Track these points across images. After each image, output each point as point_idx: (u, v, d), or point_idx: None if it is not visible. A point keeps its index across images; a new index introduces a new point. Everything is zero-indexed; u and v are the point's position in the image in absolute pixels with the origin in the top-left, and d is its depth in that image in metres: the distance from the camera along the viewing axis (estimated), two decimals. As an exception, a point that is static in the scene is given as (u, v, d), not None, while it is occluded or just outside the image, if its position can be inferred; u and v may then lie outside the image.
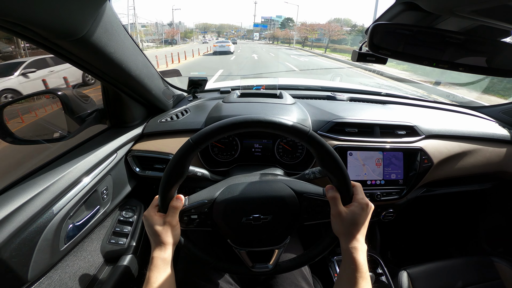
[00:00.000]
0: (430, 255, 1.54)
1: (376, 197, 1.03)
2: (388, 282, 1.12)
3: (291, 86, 1.55)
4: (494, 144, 1.20)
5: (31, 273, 0.62)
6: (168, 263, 0.59)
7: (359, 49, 0.74)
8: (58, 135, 0.91)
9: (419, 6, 0.51)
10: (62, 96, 0.87)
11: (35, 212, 0.62)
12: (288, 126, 0.57)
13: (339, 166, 0.58)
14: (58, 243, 0.69)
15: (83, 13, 0.54)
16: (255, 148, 1.07)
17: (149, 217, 0.61)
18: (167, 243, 0.60)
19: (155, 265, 0.57)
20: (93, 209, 0.82)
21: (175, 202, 0.62)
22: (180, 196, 0.64)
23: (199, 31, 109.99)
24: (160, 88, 1.05)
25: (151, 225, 0.60)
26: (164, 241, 0.59)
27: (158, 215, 0.62)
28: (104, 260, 0.90)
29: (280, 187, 0.67)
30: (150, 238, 0.62)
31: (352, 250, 0.57)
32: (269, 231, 0.66)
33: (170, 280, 0.59)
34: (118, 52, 0.70)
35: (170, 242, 0.60)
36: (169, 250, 0.60)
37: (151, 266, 0.57)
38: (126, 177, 1.00)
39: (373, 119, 1.09)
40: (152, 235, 0.60)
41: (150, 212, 0.62)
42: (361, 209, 0.59)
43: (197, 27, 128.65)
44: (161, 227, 0.60)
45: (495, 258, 1.17)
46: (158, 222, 0.60)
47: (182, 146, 0.58)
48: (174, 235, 0.61)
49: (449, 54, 0.58)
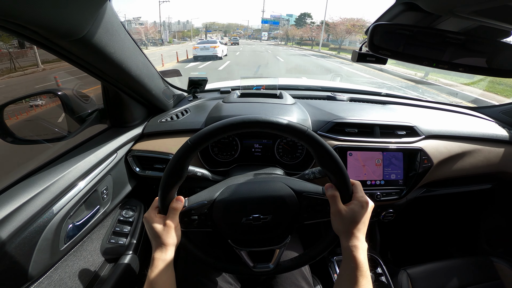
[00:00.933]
0: (430, 255, 1.55)
1: (376, 197, 1.03)
2: (387, 282, 1.12)
3: (291, 86, 1.55)
4: (494, 144, 1.20)
5: (31, 272, 0.62)
6: (169, 264, 0.59)
7: (359, 50, 0.75)
8: (58, 135, 0.91)
9: (419, 7, 0.51)
10: (62, 96, 0.87)
11: (35, 211, 0.62)
12: (285, 125, 0.57)
13: (338, 164, 0.58)
14: (58, 242, 0.69)
15: (84, 13, 0.54)
16: (255, 148, 1.07)
17: (149, 219, 0.62)
18: (168, 244, 0.60)
19: (156, 266, 0.57)
20: (93, 209, 0.82)
21: (175, 204, 0.62)
22: (180, 197, 0.64)
23: (205, 30, 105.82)
24: (160, 88, 1.05)
25: (151, 226, 0.60)
26: (165, 242, 0.59)
27: (159, 217, 0.62)
28: (104, 260, 0.90)
29: (280, 187, 0.67)
30: (151, 239, 0.62)
31: (352, 248, 0.57)
32: (269, 231, 0.66)
33: (171, 281, 0.59)
34: (119, 52, 0.70)
35: (171, 243, 0.60)
36: (170, 251, 0.60)
37: (152, 267, 0.57)
38: (126, 177, 1.00)
39: (373, 119, 1.09)
40: (153, 237, 0.61)
41: (151, 213, 0.63)
42: (360, 207, 0.59)
43: (204, 26, 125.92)
44: (161, 228, 0.60)
45: (494, 258, 1.17)
46: (158, 224, 0.60)
47: (181, 147, 0.58)
48: (174, 236, 0.61)
49: (449, 54, 0.58)
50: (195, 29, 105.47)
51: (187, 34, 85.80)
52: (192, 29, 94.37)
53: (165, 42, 46.91)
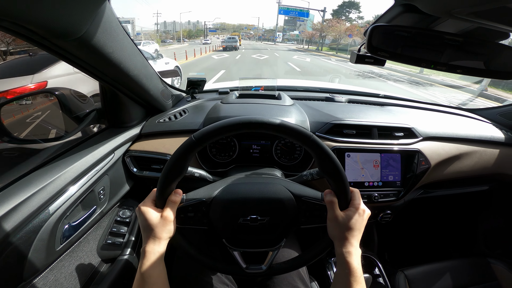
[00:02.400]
0: (427, 257, 1.55)
1: (373, 198, 1.03)
2: (385, 284, 1.12)
3: (290, 87, 1.56)
4: (492, 146, 1.20)
5: (26, 272, 0.62)
6: (161, 257, 0.58)
7: (357, 51, 0.75)
8: (55, 134, 0.90)
9: (418, 8, 0.51)
10: (60, 96, 0.87)
11: (31, 211, 0.61)
12: (291, 129, 0.57)
13: (339, 171, 0.58)
14: (54, 243, 0.68)
15: (82, 13, 0.53)
16: (253, 149, 1.07)
17: (145, 210, 0.59)
18: (162, 237, 0.59)
19: (148, 259, 0.56)
20: (90, 209, 0.81)
21: (173, 196, 0.61)
22: (179, 190, 0.63)
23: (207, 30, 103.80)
24: (159, 88, 1.05)
25: (146, 218, 0.59)
26: (158, 235, 0.58)
27: (155, 209, 0.61)
28: (100, 261, 0.89)
29: (279, 190, 0.67)
30: (143, 231, 0.60)
31: (346, 255, 0.57)
32: (265, 233, 0.66)
33: (163, 275, 0.58)
34: (117, 52, 0.70)
35: (165, 236, 0.59)
36: (163, 244, 0.59)
37: (144, 260, 0.56)
38: (123, 177, 1.00)
39: (371, 121, 1.09)
40: (146, 229, 0.59)
41: (147, 205, 0.61)
42: (358, 214, 0.59)
43: (215, 26, 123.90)
44: (157, 221, 0.59)
45: (492, 260, 1.18)
46: (154, 216, 0.59)
47: (184, 142, 0.58)
48: (169, 230, 0.60)
49: (447, 56, 0.59)
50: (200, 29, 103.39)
51: (191, 33, 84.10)
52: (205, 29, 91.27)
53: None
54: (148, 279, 0.55)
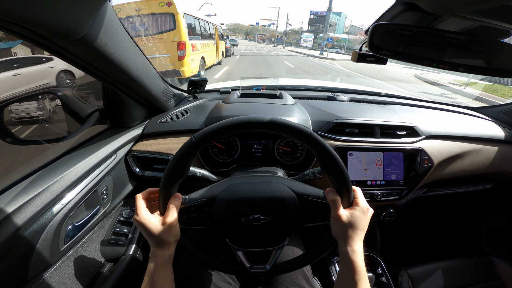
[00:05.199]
0: (431, 256, 1.54)
1: (376, 197, 1.03)
2: (388, 283, 1.12)
3: (292, 86, 1.55)
4: (495, 144, 1.20)
5: (30, 273, 0.62)
6: (170, 261, 0.59)
7: (359, 50, 0.75)
8: (58, 135, 0.91)
9: (419, 7, 0.51)
10: (62, 96, 0.88)
11: (35, 212, 0.62)
12: (291, 127, 0.57)
13: (341, 169, 0.58)
14: (57, 243, 0.69)
15: (83, 13, 0.54)
16: (255, 148, 1.07)
17: (143, 221, 0.58)
18: (170, 242, 0.59)
19: (157, 262, 0.57)
20: (93, 209, 0.82)
21: (173, 201, 0.61)
22: (178, 194, 0.63)
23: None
24: (160, 88, 1.05)
25: (148, 228, 0.58)
26: (166, 240, 0.58)
27: (154, 216, 0.60)
28: (104, 260, 0.90)
29: (281, 188, 0.67)
30: (149, 239, 0.59)
31: (351, 253, 0.57)
32: (268, 232, 0.66)
33: (171, 278, 0.59)
34: (118, 53, 0.70)
35: (171, 241, 0.59)
36: (172, 248, 0.59)
37: (153, 263, 0.57)
38: (126, 177, 1.00)
39: (373, 119, 1.09)
40: (152, 237, 0.58)
41: (142, 214, 0.59)
42: (361, 212, 0.59)
43: (228, 27, 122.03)
44: (160, 228, 0.58)
45: (495, 259, 1.17)
46: (155, 223, 0.58)
47: (185, 144, 0.57)
48: (175, 234, 0.60)
49: (449, 54, 0.58)
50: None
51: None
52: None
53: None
54: (157, 282, 0.55)
